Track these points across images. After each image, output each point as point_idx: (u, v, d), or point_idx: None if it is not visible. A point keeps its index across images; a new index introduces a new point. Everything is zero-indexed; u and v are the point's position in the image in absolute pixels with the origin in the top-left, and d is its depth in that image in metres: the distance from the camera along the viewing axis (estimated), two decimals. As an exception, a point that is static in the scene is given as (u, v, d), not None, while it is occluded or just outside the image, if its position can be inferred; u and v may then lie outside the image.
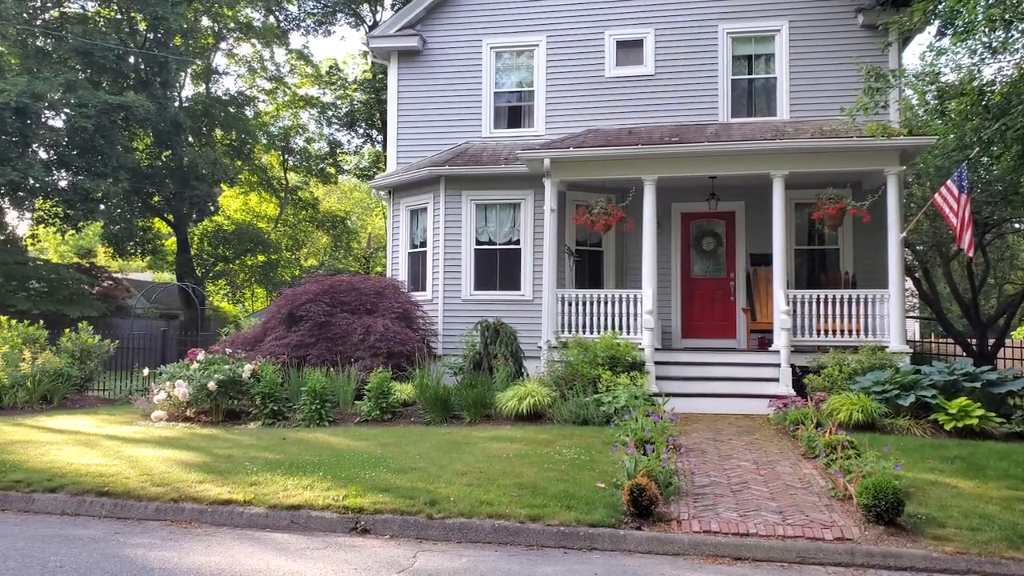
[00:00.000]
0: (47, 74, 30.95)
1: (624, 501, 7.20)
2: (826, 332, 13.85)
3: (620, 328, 14.24)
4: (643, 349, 13.60)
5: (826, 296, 13.96)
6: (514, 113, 17.65)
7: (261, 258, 45.30)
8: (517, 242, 16.26)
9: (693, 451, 9.76)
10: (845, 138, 13.77)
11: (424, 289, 16.66)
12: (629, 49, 17.02)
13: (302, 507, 7.46)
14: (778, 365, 13.46)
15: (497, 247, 16.39)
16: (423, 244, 16.97)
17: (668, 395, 12.67)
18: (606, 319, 14.46)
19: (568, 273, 16.01)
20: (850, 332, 13.79)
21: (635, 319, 14.28)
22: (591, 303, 14.62)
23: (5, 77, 29.15)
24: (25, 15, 33.88)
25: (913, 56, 69.38)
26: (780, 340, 13.54)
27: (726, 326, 16.45)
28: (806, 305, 14.00)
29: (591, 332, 14.35)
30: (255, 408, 12.81)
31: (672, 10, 16.84)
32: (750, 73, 16.74)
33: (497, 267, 16.31)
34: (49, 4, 36.53)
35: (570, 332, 14.43)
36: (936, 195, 12.47)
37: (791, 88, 16.27)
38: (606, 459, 9.02)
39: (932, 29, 14.43)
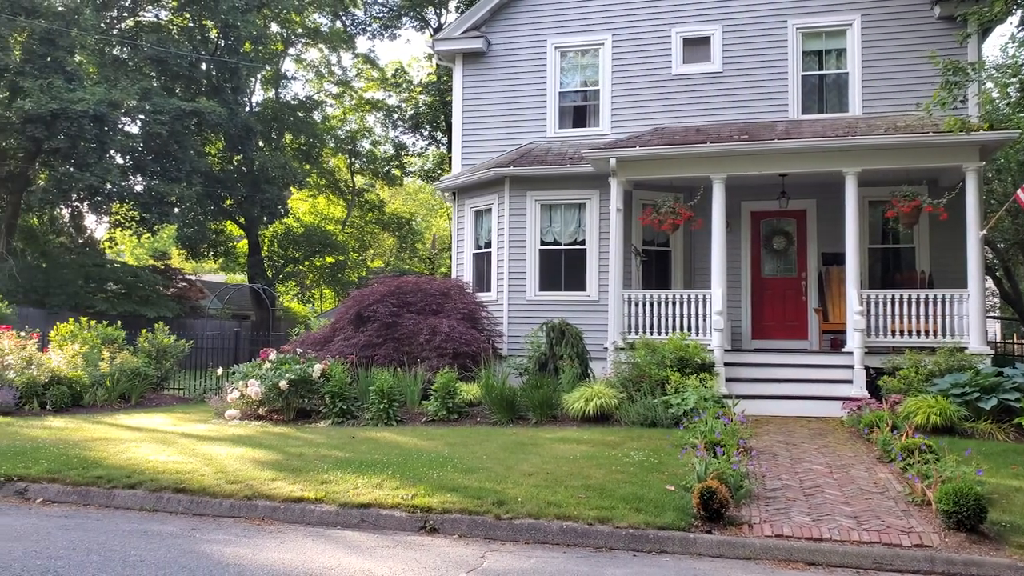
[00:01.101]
0: (124, 82, 31.90)
1: (694, 504, 7.09)
2: (901, 333, 13.49)
3: (688, 329, 14.08)
4: (712, 350, 13.41)
5: (902, 296, 13.60)
6: (579, 112, 17.58)
7: (329, 259, 46.00)
8: (582, 242, 16.18)
9: (764, 454, 9.59)
10: (921, 134, 13.38)
11: (489, 290, 16.70)
12: (696, 46, 16.81)
13: (372, 505, 7.52)
14: (851, 366, 13.14)
15: (562, 247, 16.33)
16: (488, 245, 17.01)
17: (738, 397, 12.48)
18: (674, 320, 14.31)
19: (635, 273, 15.89)
20: (927, 333, 13.40)
21: (704, 320, 14.10)
22: (658, 304, 14.48)
23: (84, 86, 30.12)
24: (103, 25, 34.95)
25: (993, 48, 67.22)
26: (854, 341, 13.22)
27: (797, 327, 16.13)
28: (880, 305, 13.66)
29: (658, 333, 14.21)
30: (325, 407, 12.99)
31: (740, 6, 16.58)
32: (820, 69, 16.39)
33: (562, 267, 16.26)
34: (125, 14, 37.67)
35: (637, 333, 14.31)
36: (1019, 191, 12.04)
37: (863, 83, 15.88)
38: (675, 461, 8.91)
39: (1014, 19, 13.95)
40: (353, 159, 45.42)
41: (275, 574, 5.93)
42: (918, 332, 13.45)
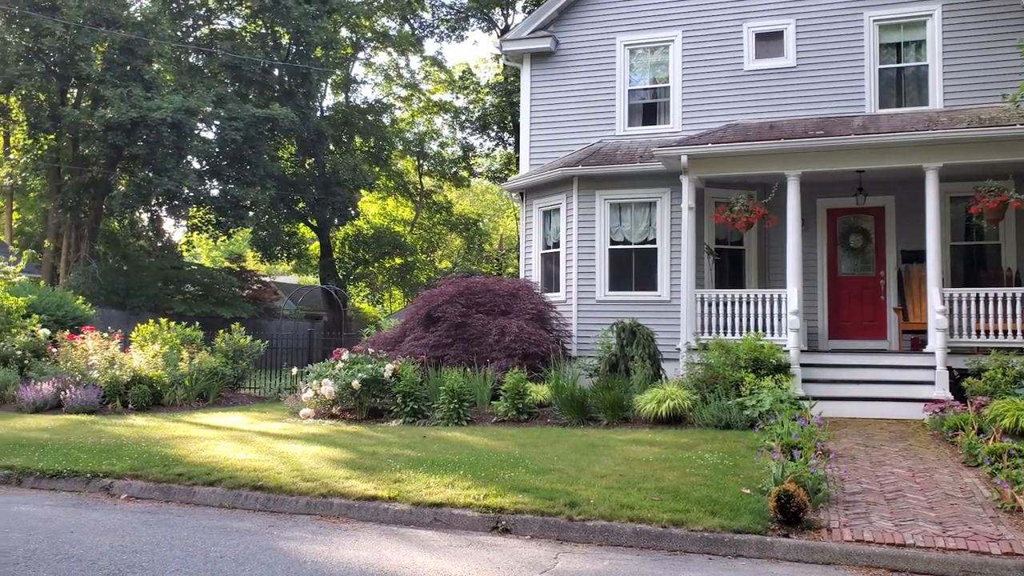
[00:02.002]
0: (199, 89, 32.68)
1: (771, 507, 6.94)
2: (987, 333, 13.02)
3: (763, 329, 13.82)
4: (788, 351, 13.13)
5: (987, 294, 13.13)
6: (648, 110, 17.41)
7: (398, 260, 46.50)
8: (653, 241, 16.01)
9: (843, 457, 9.35)
10: (1007, 126, 12.89)
11: (557, 290, 16.64)
12: (769, 41, 16.51)
13: (444, 505, 7.54)
14: (933, 367, 12.74)
15: (632, 247, 16.19)
16: (556, 245, 16.96)
17: (815, 398, 12.21)
18: (748, 320, 14.07)
19: (707, 273, 15.66)
20: (1014, 333, 12.91)
21: (779, 320, 13.82)
22: (732, 303, 14.25)
23: (162, 94, 30.97)
24: (178, 34, 35.90)
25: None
26: (936, 341, 12.80)
27: (875, 326, 15.71)
28: (964, 304, 13.20)
29: (732, 333, 13.98)
30: (396, 406, 13.11)
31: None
32: (899, 61, 15.94)
33: (632, 267, 16.12)
34: (200, 22, 38.64)
35: (710, 333, 14.10)
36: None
37: (944, 75, 15.39)
38: (750, 464, 8.75)
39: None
40: (421, 161, 45.83)
41: (351, 572, 5.99)
42: (1004, 332, 12.96)
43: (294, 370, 15.37)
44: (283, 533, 7.08)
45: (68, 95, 34.21)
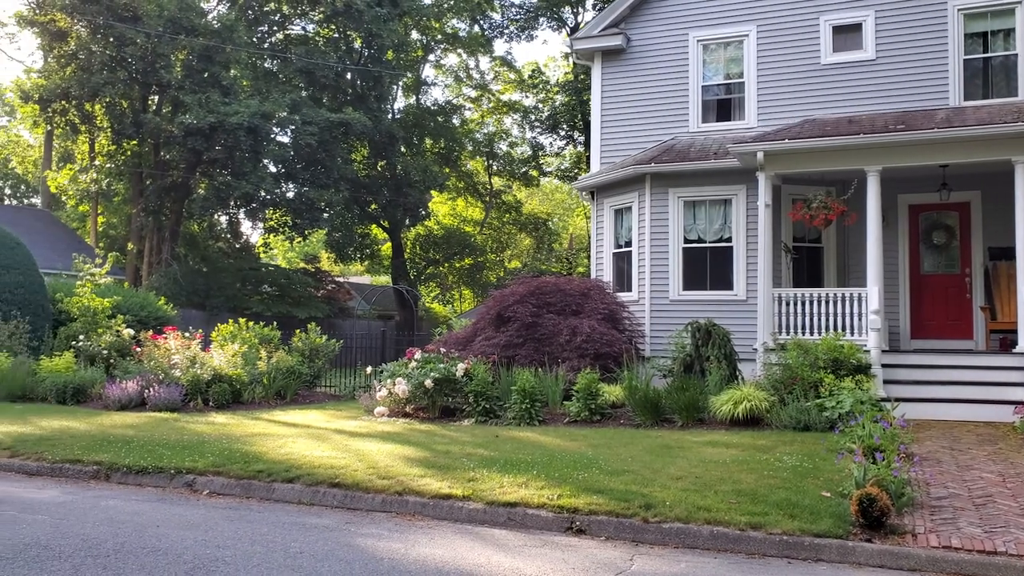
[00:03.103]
0: (275, 94, 33.39)
1: (852, 511, 6.76)
2: (1082, 332, 12.47)
3: (843, 329, 13.49)
4: (868, 351, 12.77)
5: (1081, 293, 12.57)
6: (722, 106, 17.16)
7: (468, 261, 46.78)
8: (728, 239, 15.75)
9: (927, 460, 9.07)
10: (1103, 116, 12.33)
11: (630, 290, 16.50)
12: (846, 34, 16.10)
13: (518, 504, 7.53)
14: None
15: (707, 245, 15.96)
16: (628, 244, 16.82)
17: (897, 400, 11.86)
18: (827, 319, 13.74)
19: (784, 271, 15.34)
20: (1111, 332, 12.34)
21: (859, 319, 13.47)
22: (810, 303, 13.93)
23: (239, 99, 31.72)
24: (254, 40, 36.71)
25: None
26: (1027, 341, 12.33)
27: (961, 326, 15.18)
28: (1057, 303, 12.67)
29: (810, 333, 13.68)
30: (468, 406, 13.16)
31: (895, -10, 15.79)
32: (985, 51, 15.38)
33: (707, 266, 15.89)
34: (275, 28, 39.46)
35: (787, 333, 13.81)
36: None
37: (1034, 65, 14.79)
38: (830, 467, 8.54)
39: None
40: (491, 161, 46.03)
41: (428, 569, 6.02)
42: (1101, 332, 12.41)
43: (368, 369, 15.54)
44: (360, 530, 7.16)
45: (149, 102, 35.32)
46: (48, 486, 8.98)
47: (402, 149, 39.94)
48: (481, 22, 43.08)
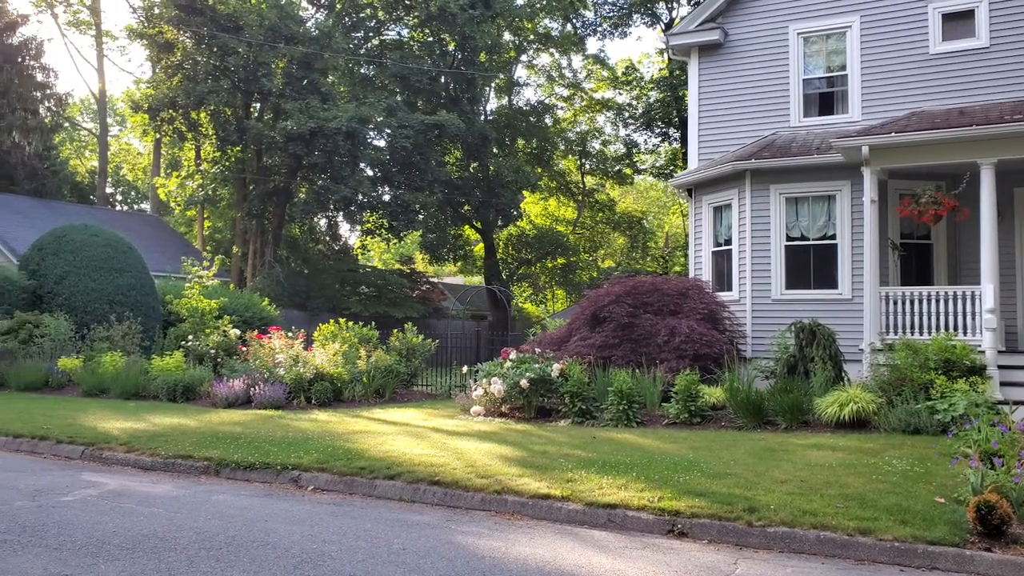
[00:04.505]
0: (371, 99, 34.05)
1: (969, 519, 6.47)
2: None
3: (954, 328, 12.93)
4: (983, 352, 12.21)
5: None
6: (824, 100, 16.66)
7: (560, 260, 46.75)
8: (832, 237, 15.29)
9: (1052, 468, 8.57)
10: None
11: (730, 289, 16.18)
12: (957, 22, 15.42)
13: (618, 506, 7.45)
14: None
15: (810, 243, 15.51)
16: (727, 242, 16.50)
17: (1015, 403, 11.31)
18: (938, 319, 13.19)
19: (892, 269, 14.80)
20: None
21: (972, 318, 12.89)
22: (919, 301, 13.40)
23: (337, 104, 32.46)
24: (351, 46, 37.51)
25: None
26: None
27: (1085, 326, 14.37)
28: None
29: (920, 333, 13.16)
30: (564, 406, 13.11)
31: (1011, -27, 15.06)
32: (1110, 34, 14.52)
33: (810, 264, 15.45)
34: (371, 34, 40.23)
35: (895, 333, 13.32)
36: None
37: None
38: (943, 472, 8.19)
39: None
40: (583, 160, 45.90)
41: (528, 569, 6.01)
42: None
43: (464, 368, 15.68)
44: (460, 528, 7.21)
45: (252, 109, 36.48)
46: (162, 480, 9.33)
47: (494, 150, 40.22)
48: (574, 21, 43.01)
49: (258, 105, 36.69)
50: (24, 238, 26.80)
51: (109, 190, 53.57)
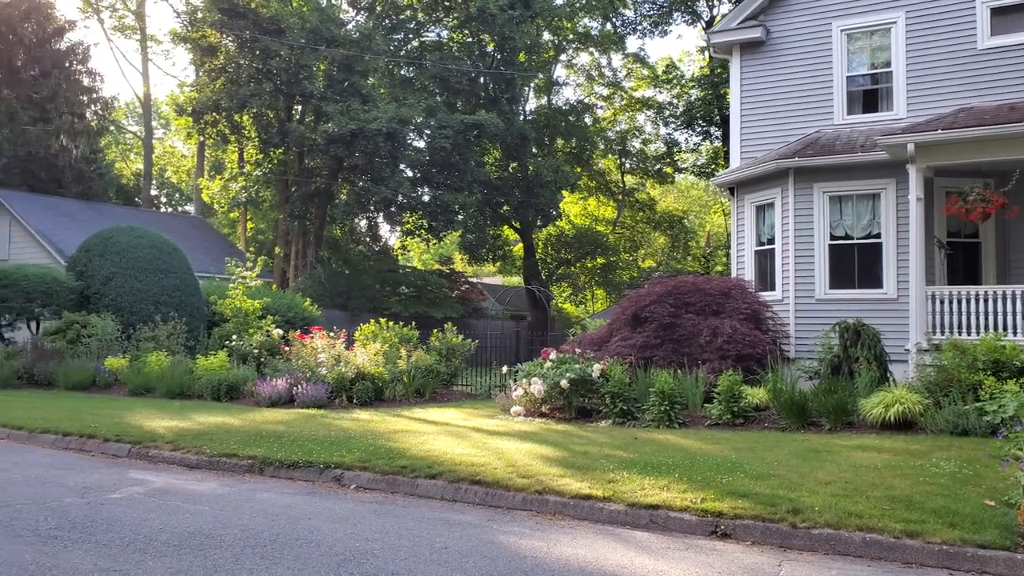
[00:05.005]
0: (411, 100, 34.25)
1: (1020, 522, 6.35)
2: None
3: (1003, 328, 12.68)
4: (1034, 352, 11.96)
5: None
6: (868, 97, 16.43)
7: (600, 260, 46.62)
8: (877, 235, 15.07)
9: (1107, 472, 8.37)
10: None
11: (773, 289, 16.02)
12: (1007, 15, 15.12)
13: (660, 507, 7.41)
14: None
15: (854, 242, 15.31)
16: (770, 241, 16.33)
17: (1068, 405, 11.02)
18: (986, 319, 12.95)
19: (938, 268, 14.56)
20: None
21: (1022, 318, 12.62)
22: (967, 301, 13.17)
23: (377, 106, 32.70)
24: (391, 48, 37.76)
25: None
26: None
27: None
28: None
29: (968, 333, 12.92)
30: (604, 407, 13.07)
31: (1062, -36, 14.73)
32: None
33: (855, 263, 15.24)
34: (411, 35, 40.46)
35: (942, 333, 13.10)
36: None
37: None
38: (993, 474, 8.03)
39: None
40: (623, 159, 45.73)
41: (571, 569, 6.00)
42: None
43: (504, 368, 15.70)
44: (502, 527, 7.22)
45: (294, 112, 36.88)
46: (207, 478, 9.47)
47: (533, 150, 40.23)
48: (613, 20, 42.88)
49: (300, 107, 37.08)
50: (72, 240, 27.36)
51: (154, 192, 54.53)
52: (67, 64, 38.12)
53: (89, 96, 39.10)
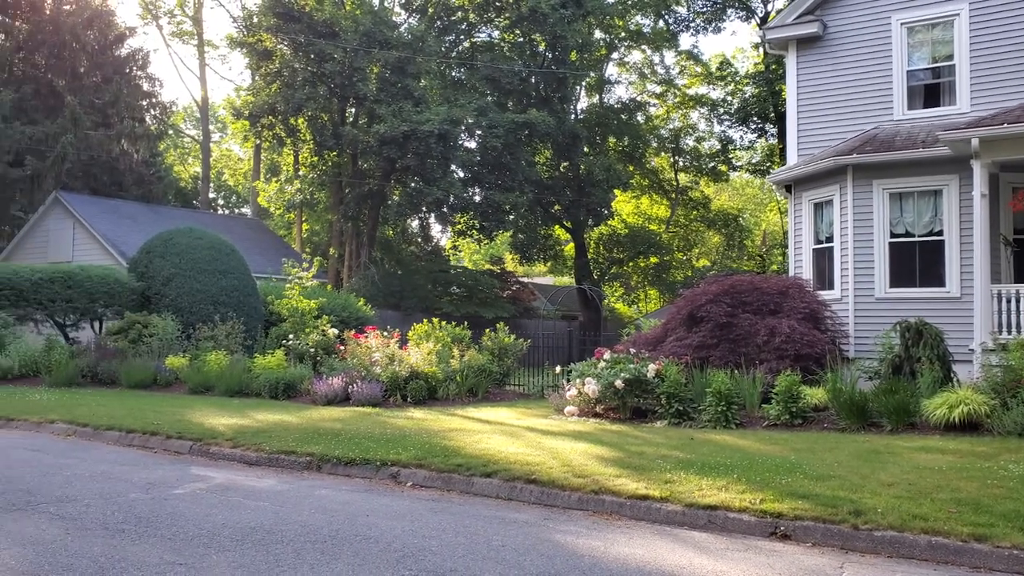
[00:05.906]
0: (462, 101, 34.40)
1: (1094, 528, 6.15)
2: None
3: (1074, 328, 12.31)
4: (1106, 352, 11.58)
5: None
6: (930, 92, 16.07)
7: (653, 260, 46.30)
8: (939, 233, 14.73)
9: None
10: None
11: (831, 287, 15.75)
12: (1075, 4, 14.68)
13: (718, 508, 7.34)
14: None
15: (915, 239, 14.99)
16: (828, 239, 16.06)
17: None
18: (1055, 317, 12.59)
19: (1004, 266, 14.19)
20: None
21: (1093, 316, 12.25)
22: (1035, 299, 12.81)
23: (429, 107, 32.90)
24: (442, 49, 37.97)
25: None
26: None
27: None
28: None
29: (1036, 332, 12.57)
30: (660, 407, 12.97)
31: None
32: None
33: (916, 261, 14.92)
34: (462, 36, 40.64)
35: (1009, 333, 12.76)
36: None
37: None
38: (1065, 478, 7.80)
39: None
40: (676, 157, 45.36)
41: (628, 568, 5.97)
42: None
43: (557, 368, 15.68)
44: (558, 527, 7.21)
45: (347, 114, 37.29)
46: (266, 475, 9.61)
47: (585, 149, 40.11)
48: (666, 17, 42.56)
49: (353, 110, 37.47)
50: (133, 242, 27.99)
51: (211, 195, 55.62)
52: (127, 70, 39.06)
53: (149, 101, 40.01)
